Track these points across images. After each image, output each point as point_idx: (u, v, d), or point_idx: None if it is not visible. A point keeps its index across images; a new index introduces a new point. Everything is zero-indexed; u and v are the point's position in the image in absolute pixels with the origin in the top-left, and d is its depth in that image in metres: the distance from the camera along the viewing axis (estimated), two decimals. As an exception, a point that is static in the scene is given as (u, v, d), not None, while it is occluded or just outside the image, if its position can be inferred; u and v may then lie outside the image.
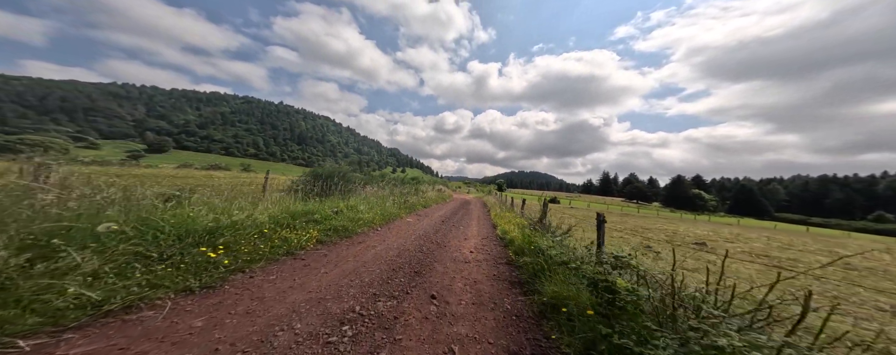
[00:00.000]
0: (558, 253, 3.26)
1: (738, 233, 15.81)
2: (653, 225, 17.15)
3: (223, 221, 3.19)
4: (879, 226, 68.75)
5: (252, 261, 2.90)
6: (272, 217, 3.89)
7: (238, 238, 3.15)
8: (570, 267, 2.78)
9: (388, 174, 32.26)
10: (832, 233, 33.76)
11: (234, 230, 3.18)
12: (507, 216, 8.88)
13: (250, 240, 3.24)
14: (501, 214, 9.37)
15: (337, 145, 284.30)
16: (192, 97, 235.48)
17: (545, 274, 3.02)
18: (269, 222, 3.75)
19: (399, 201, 9.03)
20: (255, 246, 3.16)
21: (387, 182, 10.82)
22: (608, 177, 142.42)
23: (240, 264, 2.78)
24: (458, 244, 5.24)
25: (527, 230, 5.70)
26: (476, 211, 12.19)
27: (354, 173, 8.83)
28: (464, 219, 8.80)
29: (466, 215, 10.19)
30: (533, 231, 5.64)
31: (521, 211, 9.53)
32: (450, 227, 7.03)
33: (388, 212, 6.96)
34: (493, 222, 8.28)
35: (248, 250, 3.02)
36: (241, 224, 3.35)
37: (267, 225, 3.64)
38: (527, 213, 9.63)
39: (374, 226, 5.76)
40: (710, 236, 12.85)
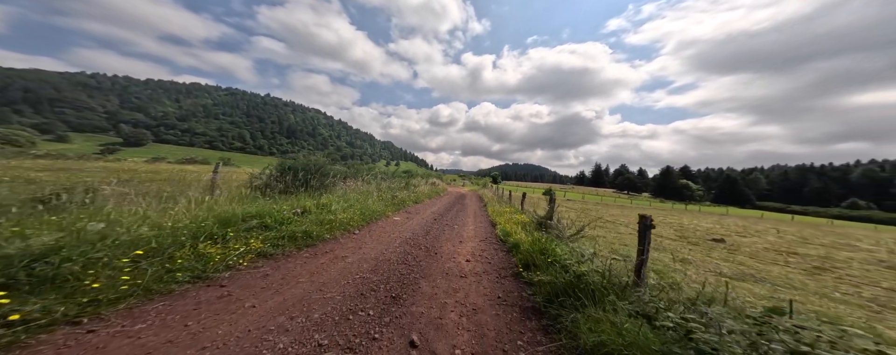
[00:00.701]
0: (590, 269, 2.36)
1: (744, 226, 15.53)
2: (655, 217, 16.81)
3: (89, 234, 2.09)
4: (854, 213, 72.38)
5: (107, 303, 1.80)
6: (195, 224, 2.82)
7: (99, 262, 2.01)
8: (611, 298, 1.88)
9: (381, 167, 30.95)
10: (817, 222, 34.85)
11: (94, 249, 2.05)
12: (505, 212, 8.03)
13: (115, 266, 2.05)
14: (499, 210, 8.52)
15: (328, 138, 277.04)
16: (171, 88, 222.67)
17: (571, 298, 2.14)
18: (189, 231, 2.69)
19: (386, 197, 8.02)
20: (133, 272, 2.08)
21: (373, 175, 9.73)
22: (600, 169, 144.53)
23: (72, 311, 1.67)
24: (453, 249, 4.34)
25: (533, 231, 4.83)
26: (472, 206, 11.32)
27: (333, 165, 7.70)
28: (459, 216, 7.91)
29: (462, 211, 9.31)
30: (540, 232, 4.79)
31: (521, 205, 8.69)
32: (443, 227, 6.12)
33: (371, 211, 5.96)
34: (492, 219, 7.42)
35: (103, 284, 1.87)
36: (114, 240, 2.22)
37: (183, 235, 2.58)
38: (528, 208, 8.82)
39: (351, 228, 4.77)
40: (719, 229, 12.40)
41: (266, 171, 5.89)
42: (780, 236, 11.38)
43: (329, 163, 7.16)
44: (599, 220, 10.67)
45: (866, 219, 61.96)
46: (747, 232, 12.26)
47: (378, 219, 6.07)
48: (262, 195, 5.12)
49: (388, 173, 13.42)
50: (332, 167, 7.32)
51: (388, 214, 6.74)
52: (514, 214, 7.39)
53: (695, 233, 9.79)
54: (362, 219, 5.32)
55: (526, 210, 8.42)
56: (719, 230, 11.65)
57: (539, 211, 10.94)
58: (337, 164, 9.16)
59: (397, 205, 7.91)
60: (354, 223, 4.96)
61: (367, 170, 10.11)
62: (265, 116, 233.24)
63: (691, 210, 36.66)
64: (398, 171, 18.79)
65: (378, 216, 6.15)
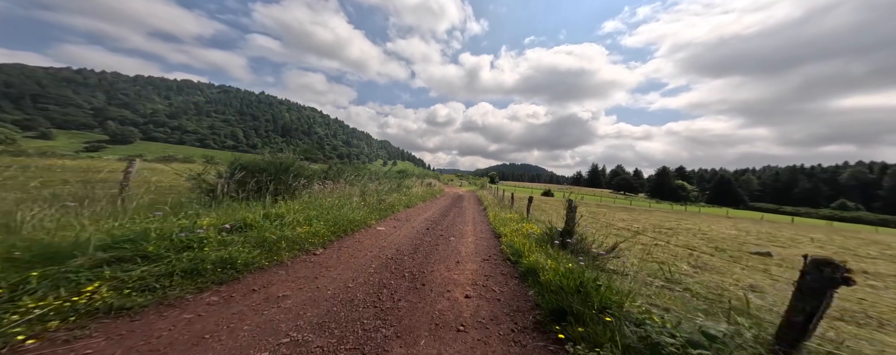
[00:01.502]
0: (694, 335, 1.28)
1: (769, 232, 14.40)
2: (666, 221, 15.73)
3: None
4: (846, 214, 73.39)
5: None
6: None
7: None
8: None
9: (377, 167, 29.67)
10: (815, 223, 34.63)
11: None
12: (509, 219, 6.96)
13: None
14: (502, 216, 7.45)
15: (324, 137, 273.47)
16: (161, 85, 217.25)
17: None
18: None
19: (372, 201, 6.88)
20: None
21: (359, 176, 8.55)
22: (597, 170, 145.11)
23: None
24: (447, 275, 3.25)
25: (550, 249, 3.77)
26: (470, 210, 10.24)
27: (312, 165, 6.52)
28: (456, 224, 6.82)
29: (459, 216, 8.21)
30: (558, 249, 3.73)
31: (527, 211, 7.61)
32: (436, 239, 5.03)
33: (348, 220, 4.82)
34: (494, 228, 6.34)
35: None
36: None
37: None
38: (535, 215, 7.75)
39: (312, 247, 3.64)
40: (747, 237, 11.27)
41: (213, 171, 4.69)
42: (821, 246, 10.46)
43: (301, 161, 5.98)
44: (611, 227, 9.70)
45: (857, 221, 62.75)
46: (777, 239, 11.36)
47: (356, 230, 4.94)
48: (208, 203, 3.95)
49: (378, 173, 12.24)
50: (307, 167, 6.14)
51: (371, 223, 5.60)
52: (521, 223, 6.32)
53: (727, 243, 8.78)
54: (332, 233, 4.18)
55: (533, 217, 7.38)
56: (749, 238, 10.67)
57: (543, 216, 9.89)
58: (317, 163, 7.99)
59: (384, 210, 6.78)
60: (318, 239, 3.82)
61: (352, 170, 8.90)
62: (259, 114, 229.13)
63: (692, 211, 36.18)
64: (392, 171, 17.60)
65: (356, 227, 5.01)
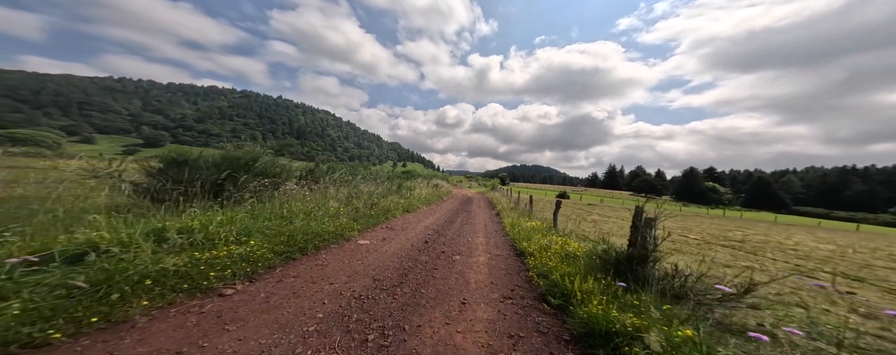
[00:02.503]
0: None
1: (874, 247, 10.85)
2: (723, 230, 13.10)
3: None
4: (913, 221, 64.03)
5: None
6: None
7: None
8: None
9: (387, 168, 28.60)
10: (885, 231, 29.70)
11: None
12: (531, 230, 5.45)
13: None
14: (522, 225, 5.94)
15: (337, 139, 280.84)
16: (190, 91, 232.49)
17: None
18: None
19: (361, 205, 5.59)
20: None
21: (351, 176, 7.31)
22: (614, 170, 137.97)
23: None
24: (443, 339, 1.87)
25: (613, 282, 2.26)
26: (481, 215, 8.74)
27: (290, 160, 5.35)
28: (463, 234, 5.39)
29: (468, 223, 6.77)
30: (634, 286, 2.21)
31: (554, 220, 6.01)
32: (435, 257, 3.65)
33: (313, 233, 3.54)
34: (513, 242, 4.85)
35: None
36: None
37: None
38: (566, 225, 6.14)
39: (228, 280, 2.34)
40: (853, 255, 8.18)
41: (123, 166, 3.56)
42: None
43: (274, 157, 4.79)
44: (666, 239, 7.83)
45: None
46: (892, 256, 8.46)
47: (325, 246, 3.65)
48: (118, 208, 2.80)
49: (379, 173, 11.02)
50: (281, 164, 4.94)
51: (351, 235, 4.29)
52: (549, 235, 4.79)
53: (845, 265, 6.41)
54: (279, 254, 2.89)
55: (567, 228, 5.80)
56: (861, 256, 7.87)
57: (570, 225, 8.15)
58: (301, 161, 6.83)
59: (375, 217, 5.46)
60: (247, 266, 2.52)
61: (345, 170, 7.67)
62: (277, 118, 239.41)
63: (731, 216, 32.33)
64: (395, 172, 16.43)
65: (327, 241, 3.72)
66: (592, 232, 6.75)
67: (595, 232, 7.24)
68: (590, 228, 7.98)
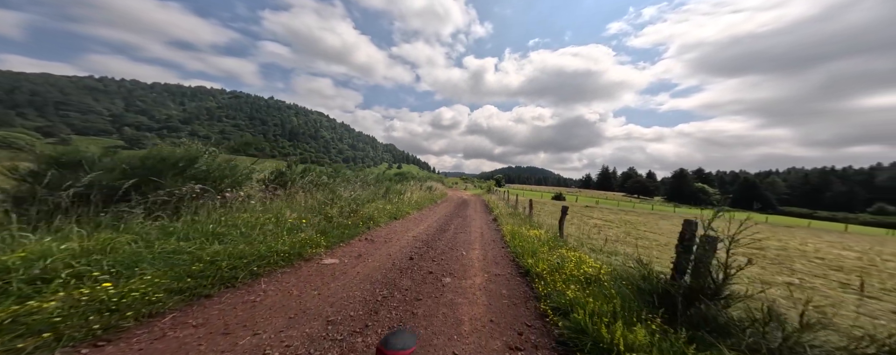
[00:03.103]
0: None
1: (878, 251, 10.21)
2: (745, 235, 12.70)
3: None
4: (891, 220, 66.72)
5: None
6: None
7: None
8: None
9: (382, 170, 27.41)
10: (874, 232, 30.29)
11: None
12: (534, 239, 4.74)
13: None
14: (523, 233, 5.22)
15: (331, 141, 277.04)
16: (176, 92, 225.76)
17: None
18: None
19: (338, 214, 4.76)
20: None
21: (329, 178, 6.44)
22: (607, 172, 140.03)
23: None
24: None
25: (672, 330, 1.51)
26: (477, 221, 8.00)
27: (257, 159, 4.51)
28: (457, 246, 4.62)
29: (462, 231, 6.01)
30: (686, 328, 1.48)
31: (560, 229, 5.29)
32: (420, 281, 2.89)
33: (261, 255, 2.72)
34: (516, 256, 4.12)
35: None
36: None
37: None
38: (573, 233, 5.42)
39: (87, 338, 1.48)
40: (884, 262, 7.55)
41: None
42: None
43: (226, 156, 3.94)
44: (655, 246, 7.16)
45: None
46: None
47: (276, 270, 2.82)
48: None
49: (367, 176, 10.15)
50: (237, 165, 4.08)
51: (314, 253, 3.46)
52: (557, 247, 4.07)
53: (877, 275, 5.81)
54: (173, 293, 2.04)
55: (576, 239, 5.11)
56: (887, 264, 7.10)
57: (568, 227, 7.36)
58: (272, 159, 5.97)
59: (352, 228, 4.64)
60: (103, 317, 1.67)
61: (325, 172, 6.73)
62: (268, 119, 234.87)
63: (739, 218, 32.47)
64: (387, 174, 15.54)
65: (278, 263, 2.89)
66: (598, 238, 6.08)
67: (600, 238, 6.59)
68: (595, 235, 7.34)
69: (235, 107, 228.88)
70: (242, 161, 4.51)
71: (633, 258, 2.72)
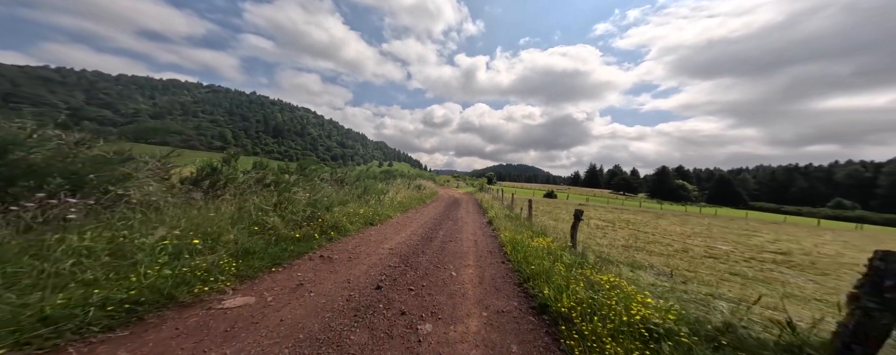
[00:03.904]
0: None
1: (847, 242, 10.44)
2: (741, 235, 10.95)
3: None
4: (848, 214, 72.28)
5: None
6: None
7: None
8: None
9: (374, 167, 25.58)
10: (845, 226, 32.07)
11: None
12: (541, 251, 3.78)
13: None
14: (524, 241, 4.24)
15: (318, 138, 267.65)
16: (146, 84, 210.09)
17: None
18: None
19: (284, 224, 3.55)
20: None
21: (276, 177, 5.08)
22: (595, 170, 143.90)
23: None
24: None
25: None
26: (470, 226, 6.96)
27: (127, 152, 3.21)
28: (443, 263, 3.57)
29: (452, 240, 4.95)
30: None
31: (571, 236, 4.31)
32: (381, 338, 1.77)
33: (92, 303, 1.49)
34: (521, 278, 3.12)
35: None
36: None
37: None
38: (587, 242, 4.47)
39: None
40: (841, 251, 7.70)
41: None
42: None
43: (48, 144, 2.64)
44: (722, 260, 6.24)
45: (861, 220, 61.52)
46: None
47: (126, 325, 1.64)
48: None
49: (346, 175, 8.83)
50: (128, 158, 2.79)
51: (213, 290, 2.27)
52: (574, 262, 3.10)
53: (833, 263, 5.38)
54: None
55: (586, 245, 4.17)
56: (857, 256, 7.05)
57: (597, 238, 6.27)
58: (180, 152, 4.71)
59: (304, 241, 3.45)
60: None
61: (265, 168, 5.14)
62: (250, 115, 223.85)
63: (707, 213, 33.49)
64: (369, 171, 14.22)
65: (122, 318, 1.69)
66: (603, 242, 5.19)
67: (605, 241, 5.75)
68: (600, 238, 6.49)
69: (213, 102, 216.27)
70: (156, 151, 3.22)
71: (676, 277, 1.76)
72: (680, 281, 3.28)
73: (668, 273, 3.63)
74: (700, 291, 2.94)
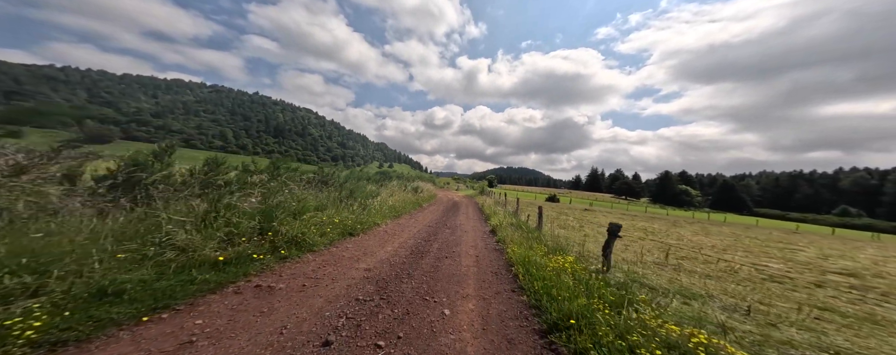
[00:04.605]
0: None
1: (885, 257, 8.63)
2: (785, 250, 9.19)
3: None
4: (857, 222, 70.84)
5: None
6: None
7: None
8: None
9: (373, 168, 24.60)
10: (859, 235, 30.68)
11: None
12: (564, 278, 2.84)
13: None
14: (538, 260, 3.32)
15: (319, 139, 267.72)
16: (149, 84, 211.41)
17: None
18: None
19: (202, 243, 2.63)
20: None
21: (219, 178, 4.11)
22: (597, 174, 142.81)
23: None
24: None
25: None
26: (470, 236, 6.02)
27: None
28: (433, 296, 2.65)
29: (448, 256, 4.02)
30: None
31: (605, 259, 3.33)
32: None
33: None
34: (545, 326, 2.17)
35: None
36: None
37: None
38: (590, 247, 3.51)
39: None
40: None
41: None
42: None
43: None
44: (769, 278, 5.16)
45: (869, 228, 60.14)
46: None
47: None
48: None
49: (332, 174, 7.92)
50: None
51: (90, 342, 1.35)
52: (621, 303, 2.16)
53: None
54: None
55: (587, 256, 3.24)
56: None
57: (582, 239, 5.30)
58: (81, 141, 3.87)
59: (229, 268, 2.53)
60: None
61: (220, 166, 4.12)
62: (251, 115, 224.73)
63: (716, 220, 32.35)
64: (361, 172, 13.30)
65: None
66: (627, 256, 4.14)
67: (633, 257, 4.79)
68: (620, 251, 5.53)
69: (215, 102, 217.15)
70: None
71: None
72: (764, 322, 2.33)
73: (737, 306, 2.68)
74: (807, 342, 2.00)
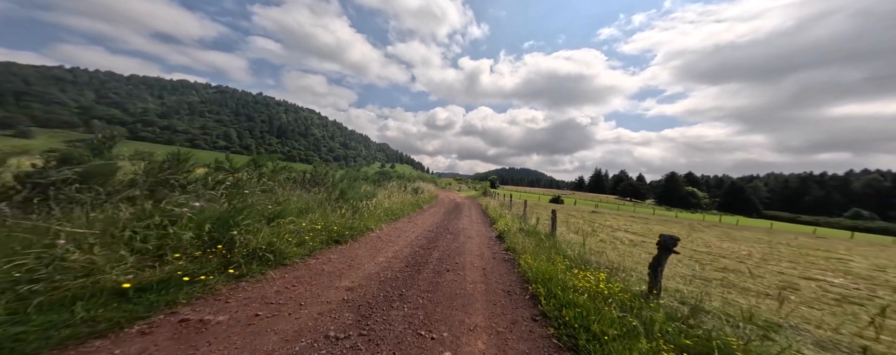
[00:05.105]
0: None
1: None
2: (828, 261, 8.16)
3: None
4: (872, 225, 68.57)
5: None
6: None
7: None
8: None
9: (375, 169, 24.07)
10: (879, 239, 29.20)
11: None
12: (606, 309, 2.15)
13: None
14: (566, 282, 2.65)
15: (321, 139, 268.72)
16: (155, 85, 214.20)
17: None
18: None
19: (113, 266, 2.01)
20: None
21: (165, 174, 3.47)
22: (600, 175, 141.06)
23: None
24: None
25: None
26: (475, 242, 5.36)
27: None
28: (430, 332, 1.99)
29: (452, 269, 3.38)
30: None
31: (655, 281, 2.63)
32: None
33: None
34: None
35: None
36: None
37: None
38: (609, 255, 2.82)
39: None
40: None
41: None
42: None
43: None
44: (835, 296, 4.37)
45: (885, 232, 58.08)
46: None
47: None
48: None
49: (321, 173, 7.33)
50: None
51: None
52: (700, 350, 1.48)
53: None
54: None
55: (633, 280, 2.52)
56: None
57: (604, 247, 4.48)
58: None
59: (152, 296, 1.91)
60: None
61: (175, 163, 3.38)
62: (255, 115, 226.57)
63: (728, 223, 31.18)
64: (356, 172, 12.73)
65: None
66: (671, 274, 3.39)
67: (667, 272, 4.10)
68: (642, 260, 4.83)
69: (220, 103, 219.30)
70: None
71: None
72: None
73: (838, 343, 1.99)
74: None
